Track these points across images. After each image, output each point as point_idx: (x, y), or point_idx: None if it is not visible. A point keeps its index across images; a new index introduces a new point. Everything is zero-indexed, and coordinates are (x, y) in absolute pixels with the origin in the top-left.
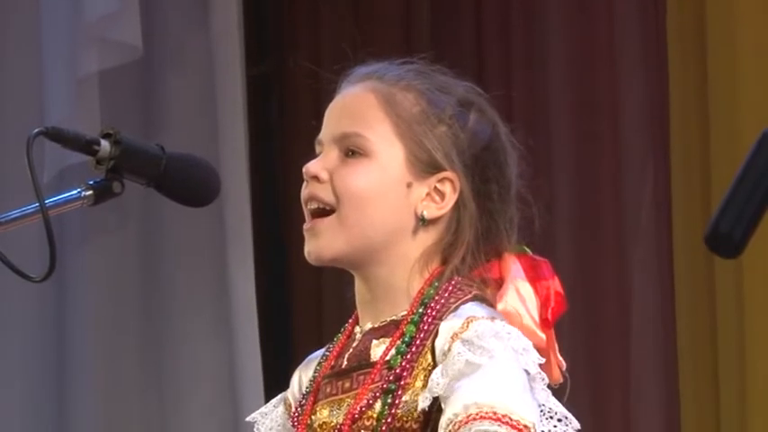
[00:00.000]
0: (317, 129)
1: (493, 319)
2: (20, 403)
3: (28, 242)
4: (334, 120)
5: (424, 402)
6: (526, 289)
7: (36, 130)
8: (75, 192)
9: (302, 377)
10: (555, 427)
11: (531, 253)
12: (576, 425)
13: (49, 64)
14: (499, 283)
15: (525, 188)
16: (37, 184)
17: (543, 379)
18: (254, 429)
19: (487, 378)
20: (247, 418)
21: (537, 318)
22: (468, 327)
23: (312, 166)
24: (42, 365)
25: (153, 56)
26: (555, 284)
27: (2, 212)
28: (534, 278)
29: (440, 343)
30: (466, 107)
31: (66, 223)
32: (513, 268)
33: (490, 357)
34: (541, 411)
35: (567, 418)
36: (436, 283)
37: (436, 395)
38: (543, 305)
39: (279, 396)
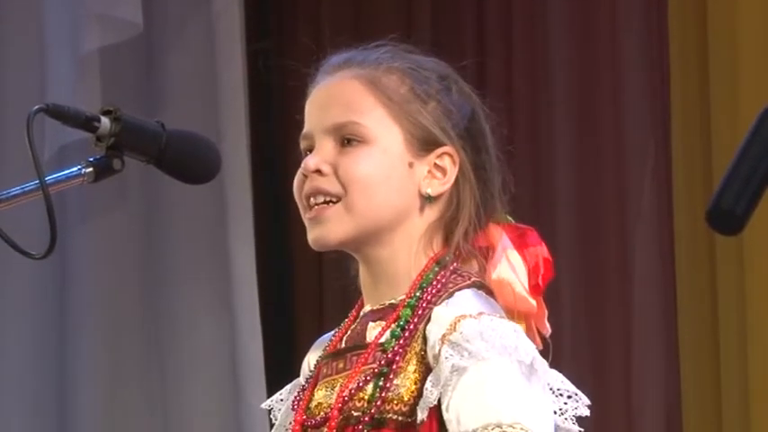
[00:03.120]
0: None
1: (480, 315)
2: (20, 381)
3: (29, 219)
4: (322, 111)
5: (422, 414)
6: (515, 257)
7: (36, 107)
8: (75, 169)
9: (311, 361)
10: (565, 404)
11: (514, 222)
12: (586, 401)
13: (49, 41)
14: (485, 253)
15: (502, 153)
16: (37, 161)
17: (543, 362)
18: (270, 416)
19: (479, 390)
20: (263, 405)
21: (527, 285)
22: (455, 327)
23: (311, 161)
24: (43, 343)
25: (153, 32)
26: (543, 251)
27: (2, 189)
28: (522, 246)
29: (432, 333)
30: (446, 80)
31: (66, 200)
32: (502, 238)
33: (478, 361)
34: (550, 390)
35: (576, 394)
36: (436, 268)
37: (432, 404)
38: (533, 272)
39: (293, 382)
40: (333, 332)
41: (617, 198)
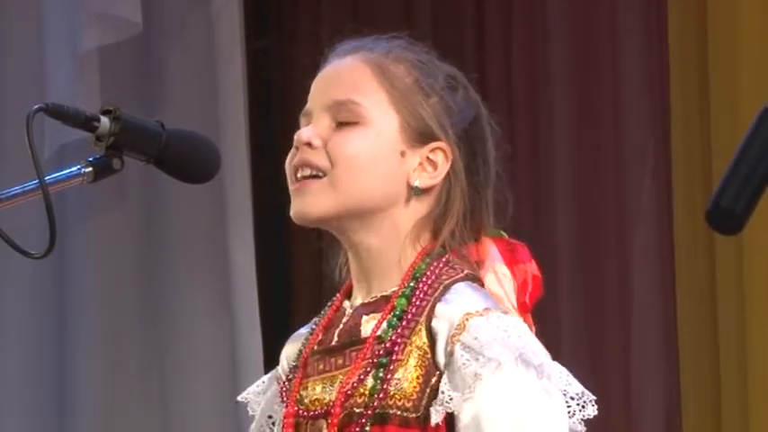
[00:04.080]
0: None
1: (486, 311)
2: (20, 381)
3: (28, 219)
4: (325, 89)
5: (438, 416)
6: (504, 272)
7: (36, 107)
8: (74, 168)
9: (289, 354)
10: (572, 399)
11: (507, 237)
12: (590, 396)
13: (48, 40)
14: (477, 266)
15: (502, 172)
16: (37, 160)
17: (551, 363)
18: (248, 409)
19: (501, 402)
20: (238, 398)
21: (515, 302)
22: (464, 327)
23: (305, 133)
24: (42, 342)
25: (152, 32)
26: (532, 268)
27: (2, 189)
28: (511, 261)
29: (440, 331)
30: (454, 81)
31: (66, 200)
32: (491, 251)
33: (495, 369)
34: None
35: (582, 394)
36: (428, 259)
37: (450, 410)
38: (521, 289)
39: (269, 375)
40: (308, 327)
41: (617, 198)
